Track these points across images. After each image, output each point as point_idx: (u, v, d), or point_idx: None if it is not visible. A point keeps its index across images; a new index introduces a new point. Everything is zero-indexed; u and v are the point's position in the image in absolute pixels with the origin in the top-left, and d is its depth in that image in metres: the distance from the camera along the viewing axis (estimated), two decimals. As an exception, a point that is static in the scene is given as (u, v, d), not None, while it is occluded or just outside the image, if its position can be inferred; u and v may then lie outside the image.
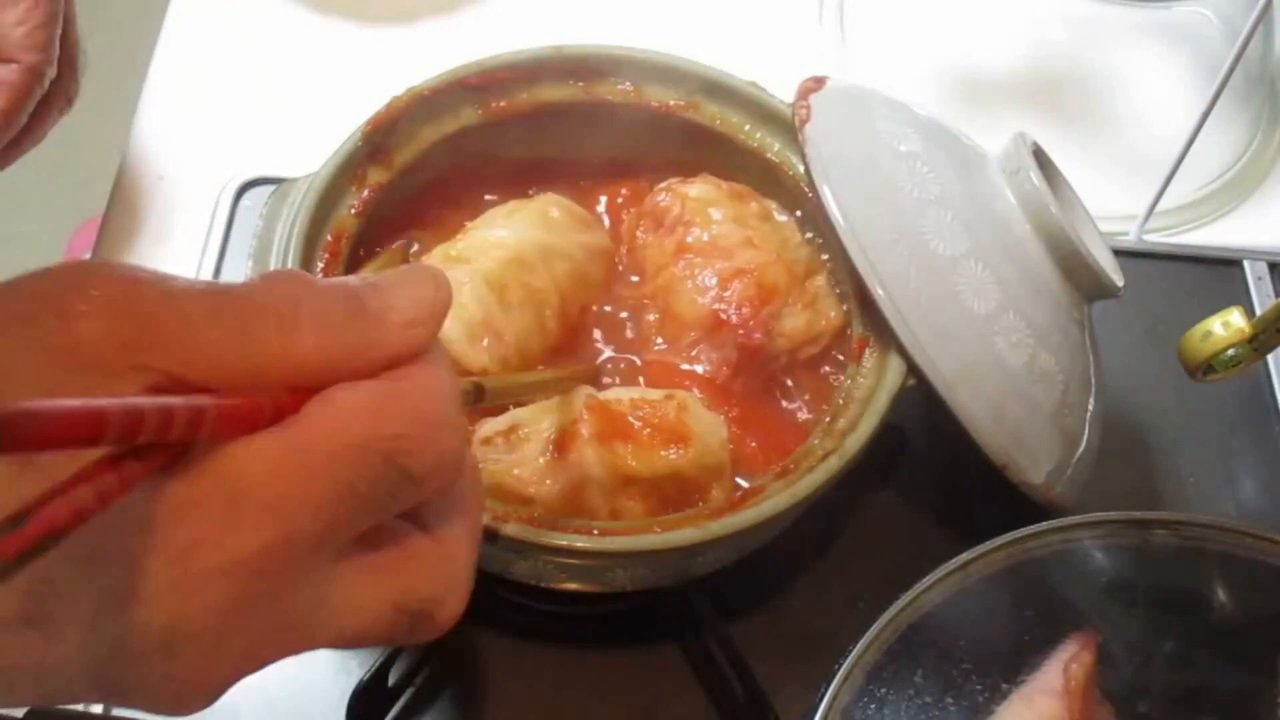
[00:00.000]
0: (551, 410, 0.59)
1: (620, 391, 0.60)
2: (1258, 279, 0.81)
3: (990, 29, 0.94)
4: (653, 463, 0.58)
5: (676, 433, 0.58)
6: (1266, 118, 0.91)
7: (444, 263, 0.63)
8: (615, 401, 0.59)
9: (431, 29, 0.91)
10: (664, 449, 0.58)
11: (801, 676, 0.62)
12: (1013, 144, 0.64)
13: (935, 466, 0.70)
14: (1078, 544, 0.63)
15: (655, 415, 0.58)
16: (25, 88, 0.62)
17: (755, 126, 0.69)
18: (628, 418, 0.58)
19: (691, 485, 0.59)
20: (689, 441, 0.58)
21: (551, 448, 0.57)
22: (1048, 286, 0.62)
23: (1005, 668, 0.60)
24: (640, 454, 0.57)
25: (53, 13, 0.63)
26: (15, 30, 0.62)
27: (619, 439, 0.57)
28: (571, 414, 0.58)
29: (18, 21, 0.62)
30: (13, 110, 0.63)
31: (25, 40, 0.62)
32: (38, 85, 0.63)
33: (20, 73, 0.62)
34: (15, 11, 0.62)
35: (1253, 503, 0.73)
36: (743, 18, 0.93)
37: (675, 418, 0.58)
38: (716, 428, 0.60)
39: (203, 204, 0.80)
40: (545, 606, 0.65)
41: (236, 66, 0.89)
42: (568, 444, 0.57)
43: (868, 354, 0.61)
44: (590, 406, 0.58)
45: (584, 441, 0.57)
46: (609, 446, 0.57)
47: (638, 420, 0.58)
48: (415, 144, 0.66)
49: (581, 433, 0.57)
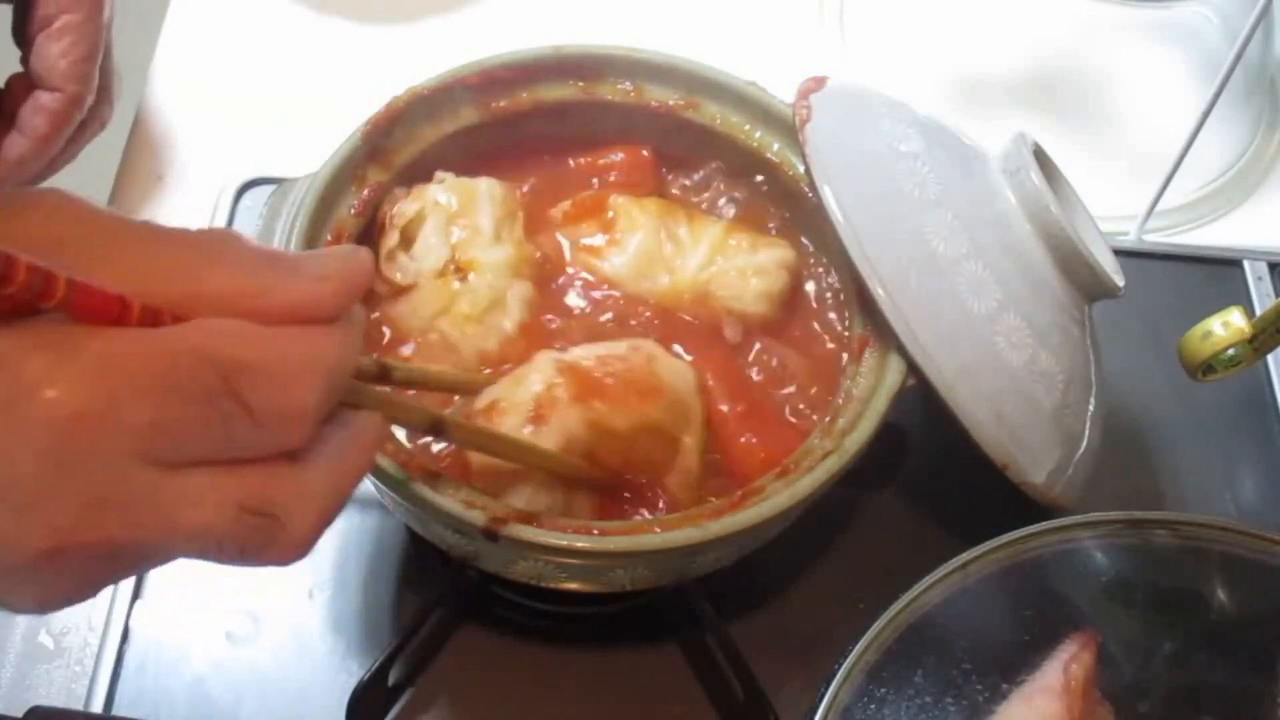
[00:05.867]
0: (522, 380, 0.59)
1: (582, 351, 0.60)
2: (1258, 279, 0.81)
3: (990, 29, 0.94)
4: (630, 416, 0.58)
5: (648, 384, 0.59)
6: (1266, 118, 0.91)
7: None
8: (584, 360, 0.59)
9: (431, 29, 0.91)
10: (639, 400, 0.58)
11: (801, 676, 0.62)
12: (1013, 144, 0.64)
13: (935, 466, 0.70)
14: (1078, 544, 0.63)
15: (626, 369, 0.59)
16: (66, 115, 0.67)
17: (755, 126, 0.69)
18: (600, 375, 0.58)
19: (665, 435, 0.59)
20: (661, 391, 0.59)
21: (533, 415, 0.57)
22: (1048, 286, 0.62)
23: (1005, 668, 0.60)
24: (618, 409, 0.58)
25: (95, 45, 0.68)
26: (60, 61, 0.66)
27: (595, 397, 0.58)
28: (545, 379, 0.58)
29: (62, 54, 0.66)
30: (54, 134, 0.68)
31: (69, 71, 0.67)
32: (77, 112, 0.68)
33: (63, 101, 0.67)
34: (61, 45, 0.66)
35: (1253, 503, 0.73)
36: (743, 18, 0.93)
37: (646, 368, 0.59)
38: (685, 373, 0.61)
39: (203, 204, 0.80)
40: (545, 606, 0.65)
41: (236, 66, 0.89)
42: (547, 410, 0.57)
43: (867, 354, 0.61)
44: (563, 370, 0.58)
45: (564, 405, 0.57)
46: (588, 405, 0.57)
47: (610, 377, 0.58)
48: (415, 144, 0.66)
49: (560, 396, 0.57)
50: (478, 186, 0.66)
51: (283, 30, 0.91)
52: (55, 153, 0.69)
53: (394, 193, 0.66)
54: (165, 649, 0.64)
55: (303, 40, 0.90)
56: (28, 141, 0.67)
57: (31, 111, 0.67)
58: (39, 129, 0.67)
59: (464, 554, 0.58)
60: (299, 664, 0.64)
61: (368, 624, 0.66)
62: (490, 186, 0.66)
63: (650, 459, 0.59)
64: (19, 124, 0.68)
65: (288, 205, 0.63)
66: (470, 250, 0.64)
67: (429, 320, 0.63)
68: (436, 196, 0.65)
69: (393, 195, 0.65)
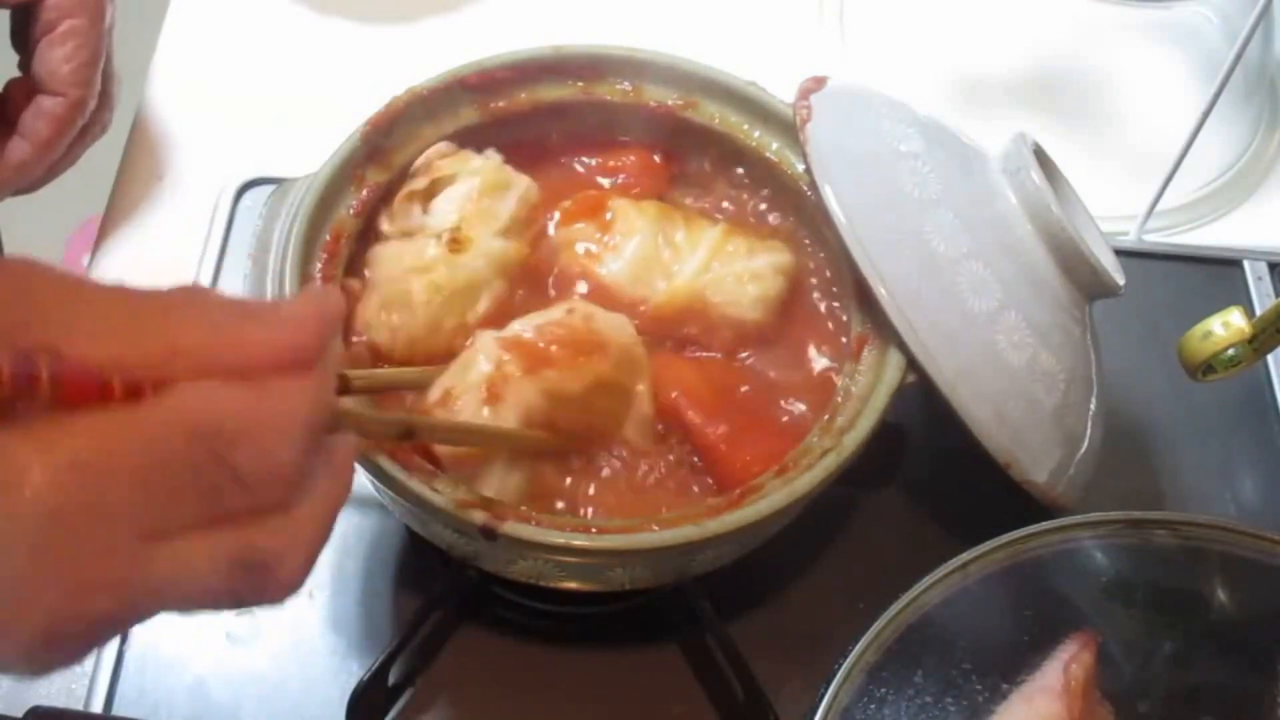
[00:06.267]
0: (470, 365, 0.59)
1: (520, 324, 0.60)
2: (1258, 279, 0.81)
3: (991, 28, 0.94)
4: (582, 377, 0.59)
5: (592, 342, 0.60)
6: (1266, 118, 0.91)
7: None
8: (525, 333, 0.59)
9: (431, 29, 0.91)
10: (587, 360, 0.59)
11: (801, 676, 0.62)
12: (1014, 144, 0.64)
13: (935, 466, 0.70)
14: (1078, 544, 0.63)
15: (568, 333, 0.59)
16: (69, 120, 0.68)
17: (755, 126, 0.69)
18: (544, 343, 0.59)
19: (618, 387, 0.60)
20: (606, 346, 0.60)
21: (487, 396, 0.57)
22: (1049, 286, 0.62)
23: (1005, 668, 0.60)
24: (569, 373, 0.58)
25: (97, 50, 0.68)
26: (63, 67, 0.67)
27: (545, 366, 0.58)
28: (491, 358, 0.58)
29: (65, 59, 0.67)
30: (55, 139, 0.68)
31: (72, 76, 0.67)
32: (79, 117, 0.68)
33: (65, 106, 0.67)
34: (64, 50, 0.67)
35: (1253, 503, 0.73)
36: (743, 18, 0.93)
37: (586, 328, 0.60)
38: (624, 324, 0.62)
39: (203, 204, 0.80)
40: (545, 606, 0.65)
41: (236, 66, 0.89)
42: (500, 388, 0.57)
43: (866, 352, 0.61)
44: (507, 345, 0.58)
45: (517, 381, 0.57)
46: (540, 375, 0.58)
47: (554, 343, 0.59)
48: (415, 144, 0.66)
49: (511, 373, 0.57)
50: (516, 180, 0.66)
51: (283, 30, 0.91)
52: (56, 158, 0.69)
53: (440, 145, 0.66)
54: (165, 649, 0.64)
55: (303, 40, 0.90)
56: (29, 146, 0.68)
57: (34, 116, 0.68)
58: (41, 134, 0.68)
59: (464, 553, 0.58)
60: (299, 664, 0.64)
61: (367, 624, 0.66)
62: (528, 188, 0.66)
63: (607, 413, 0.60)
64: (21, 128, 0.68)
65: (287, 205, 0.63)
66: (475, 229, 0.64)
67: (403, 272, 0.63)
68: (475, 167, 0.65)
69: (439, 147, 0.66)
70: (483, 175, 0.65)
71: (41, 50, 0.67)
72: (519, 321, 0.61)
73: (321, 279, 0.61)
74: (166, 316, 0.37)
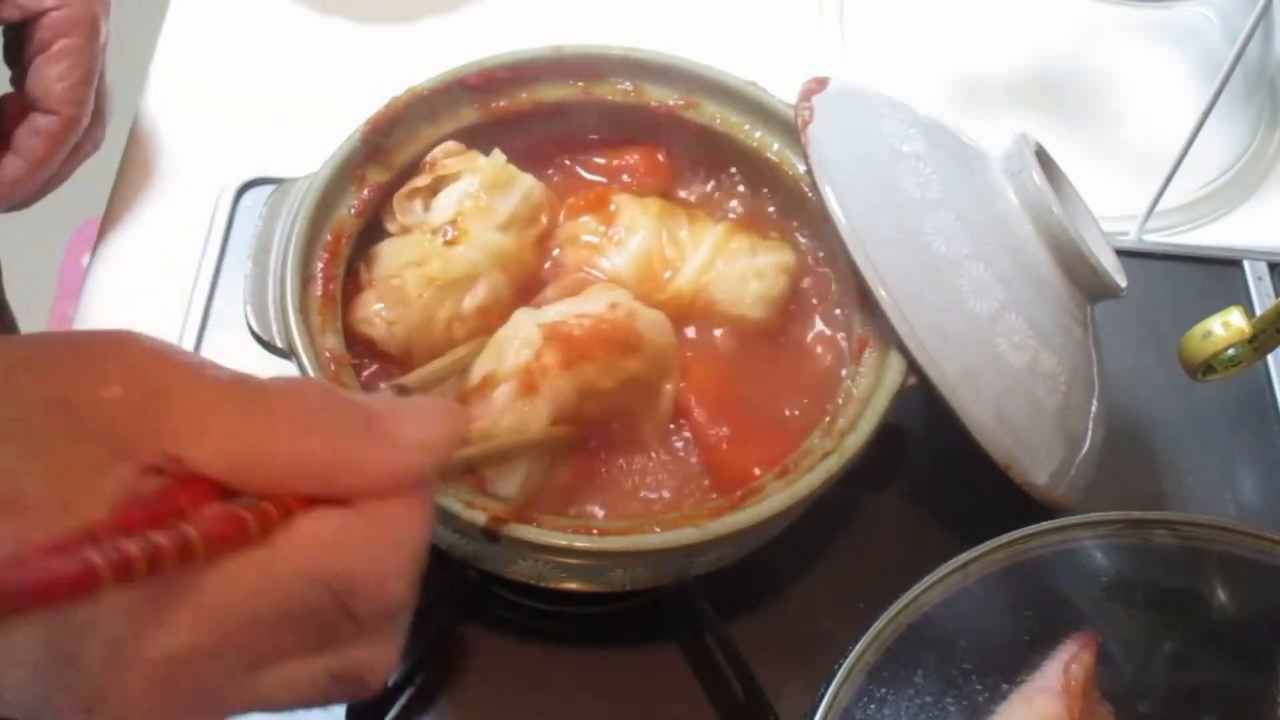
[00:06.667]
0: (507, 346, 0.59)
1: (559, 309, 0.60)
2: (1258, 279, 0.81)
3: (990, 29, 0.94)
4: (617, 375, 0.59)
5: (629, 342, 0.60)
6: (1266, 118, 0.91)
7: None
8: (564, 324, 0.59)
9: (431, 29, 0.91)
10: (624, 358, 0.59)
11: (801, 676, 0.62)
12: (1015, 144, 0.64)
13: (935, 467, 0.70)
14: (1078, 544, 0.63)
15: (611, 327, 0.59)
16: (62, 137, 0.69)
17: (755, 126, 0.69)
18: (585, 337, 0.59)
19: (647, 385, 0.61)
20: (644, 345, 0.60)
21: (522, 389, 0.57)
22: (1050, 287, 0.62)
23: (1005, 668, 0.60)
24: (606, 370, 0.59)
25: (91, 69, 0.69)
26: (57, 85, 0.68)
27: (584, 360, 0.58)
28: (530, 345, 0.58)
29: (59, 77, 0.68)
30: (49, 157, 0.69)
31: (66, 95, 0.68)
32: (73, 135, 0.69)
33: (59, 124, 0.68)
34: (58, 69, 0.68)
35: (1253, 503, 0.73)
36: (743, 18, 0.93)
37: (629, 325, 0.60)
38: (663, 325, 0.62)
39: (203, 204, 0.80)
40: (545, 606, 0.65)
41: (236, 66, 0.89)
42: (538, 381, 0.57)
43: (867, 354, 0.61)
44: (547, 334, 0.58)
45: (555, 374, 0.58)
46: (578, 370, 0.58)
47: (594, 339, 0.59)
48: (415, 144, 0.66)
49: (549, 364, 0.58)
50: (521, 179, 0.66)
51: (283, 30, 0.91)
52: (50, 174, 0.70)
53: (448, 144, 0.66)
54: (165, 649, 0.64)
55: (303, 40, 0.90)
56: (23, 163, 0.69)
57: (28, 134, 0.68)
58: (35, 151, 0.68)
59: (464, 554, 0.58)
60: (299, 664, 0.64)
61: (368, 624, 0.65)
62: (533, 187, 0.66)
63: (630, 409, 0.61)
64: (15, 145, 0.69)
65: (287, 205, 0.63)
66: (472, 222, 0.64)
67: (399, 266, 0.63)
68: (480, 165, 0.65)
69: (446, 146, 0.66)
70: (485, 172, 0.65)
71: (36, 68, 0.68)
72: (558, 305, 0.61)
73: (322, 279, 0.61)
74: (292, 424, 0.37)
